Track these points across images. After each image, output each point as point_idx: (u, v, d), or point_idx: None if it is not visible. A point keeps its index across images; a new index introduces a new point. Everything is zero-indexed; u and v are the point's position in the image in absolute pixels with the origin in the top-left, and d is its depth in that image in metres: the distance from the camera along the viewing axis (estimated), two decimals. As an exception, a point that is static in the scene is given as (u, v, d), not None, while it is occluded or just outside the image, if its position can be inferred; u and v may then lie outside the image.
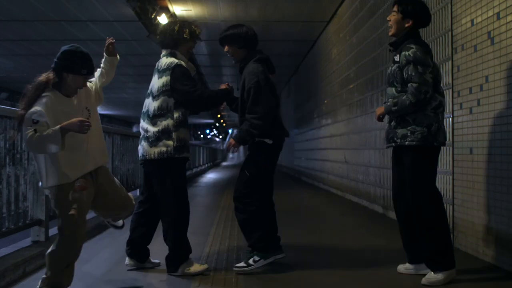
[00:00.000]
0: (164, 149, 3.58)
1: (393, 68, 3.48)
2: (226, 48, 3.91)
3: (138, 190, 8.78)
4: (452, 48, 4.69)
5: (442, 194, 4.92)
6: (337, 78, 10.16)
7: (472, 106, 4.30)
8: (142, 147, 3.67)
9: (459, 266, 4.03)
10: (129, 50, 14.41)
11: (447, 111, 4.79)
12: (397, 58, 3.45)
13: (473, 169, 4.29)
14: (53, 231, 4.65)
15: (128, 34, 12.53)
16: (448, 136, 4.77)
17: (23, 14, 11.07)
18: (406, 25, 3.49)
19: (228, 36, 3.87)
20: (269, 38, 11.97)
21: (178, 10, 10.82)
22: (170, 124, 3.60)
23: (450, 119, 4.71)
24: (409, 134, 3.41)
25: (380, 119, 3.67)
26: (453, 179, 4.68)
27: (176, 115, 3.62)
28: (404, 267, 3.69)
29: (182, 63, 3.69)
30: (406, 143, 3.43)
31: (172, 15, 10.88)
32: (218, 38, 3.93)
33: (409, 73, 3.35)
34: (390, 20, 3.56)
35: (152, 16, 10.64)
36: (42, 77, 2.99)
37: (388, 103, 3.48)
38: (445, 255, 3.41)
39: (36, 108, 2.87)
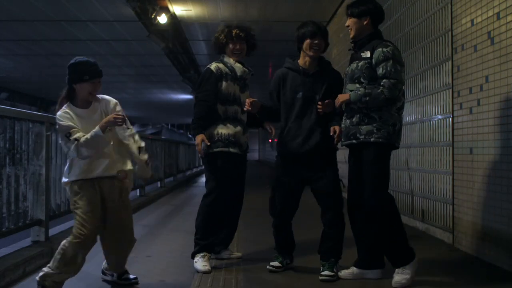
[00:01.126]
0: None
1: (359, 64, 3.44)
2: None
3: (138, 190, 8.79)
4: (452, 48, 4.69)
5: (442, 194, 4.94)
6: (337, 78, 10.15)
7: (472, 106, 4.30)
8: None
9: (459, 266, 4.03)
10: (129, 50, 14.41)
11: (447, 111, 4.80)
12: (366, 54, 3.42)
13: (473, 169, 4.29)
14: (53, 231, 4.65)
15: (128, 34, 12.52)
16: (448, 136, 4.78)
17: (23, 14, 11.07)
18: (365, 23, 3.51)
19: None
20: (269, 38, 11.97)
21: (178, 10, 10.82)
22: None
23: (450, 119, 4.71)
24: (375, 131, 3.36)
25: (340, 106, 3.55)
26: (453, 179, 4.68)
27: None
28: (348, 272, 3.59)
29: (215, 66, 3.88)
30: (372, 139, 3.36)
31: (172, 15, 10.89)
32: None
33: (388, 69, 3.32)
34: (348, 26, 3.59)
35: (152, 16, 10.64)
36: (62, 93, 3.27)
37: (359, 92, 3.36)
38: (407, 247, 3.40)
39: (59, 123, 3.15)
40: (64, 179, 3.27)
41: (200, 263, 3.71)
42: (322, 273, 3.52)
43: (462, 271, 3.87)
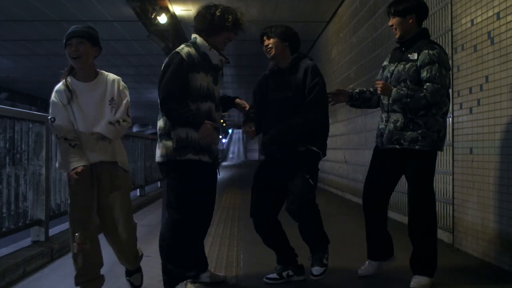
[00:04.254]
0: (163, 150, 3.21)
1: (407, 66, 3.34)
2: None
3: (138, 190, 8.79)
4: (452, 48, 4.69)
5: (442, 194, 4.94)
6: (337, 78, 10.15)
7: (472, 106, 4.30)
8: None
9: (459, 266, 4.03)
10: (129, 50, 14.41)
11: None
12: (413, 56, 3.33)
13: (473, 169, 4.29)
14: (53, 231, 4.66)
15: (128, 34, 12.52)
16: (448, 136, 4.77)
17: (23, 14, 11.07)
18: (410, 21, 3.39)
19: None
20: (269, 38, 11.98)
21: (178, 10, 10.82)
22: (167, 122, 3.21)
23: (450, 119, 4.71)
24: (420, 138, 3.29)
25: (381, 94, 3.40)
26: (453, 179, 4.68)
27: None
28: (368, 268, 3.66)
29: (186, 52, 3.16)
30: (417, 147, 3.31)
31: (172, 15, 10.89)
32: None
33: (432, 72, 3.23)
34: (393, 25, 3.46)
35: (152, 16, 10.64)
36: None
37: (401, 92, 3.25)
38: (435, 261, 3.41)
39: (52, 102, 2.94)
40: None
41: None
42: (312, 270, 3.36)
43: (462, 271, 3.87)
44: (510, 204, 3.72)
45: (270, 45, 3.42)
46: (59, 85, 2.96)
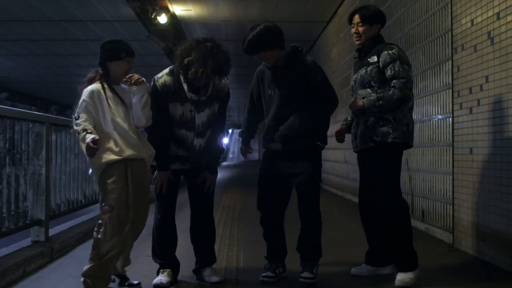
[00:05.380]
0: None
1: (368, 69, 3.47)
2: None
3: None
4: (452, 48, 4.69)
5: (442, 194, 4.94)
6: (337, 78, 10.15)
7: (472, 106, 4.30)
8: None
9: (459, 266, 4.03)
10: (129, 50, 14.40)
11: (447, 111, 4.80)
12: (373, 59, 3.46)
13: (473, 169, 4.29)
14: (53, 231, 4.65)
15: (128, 34, 12.52)
16: (448, 136, 4.78)
17: (23, 14, 11.06)
18: (376, 30, 3.55)
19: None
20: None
21: (178, 10, 10.82)
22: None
23: (450, 119, 4.71)
24: (391, 131, 3.40)
25: (357, 115, 3.58)
26: (453, 179, 4.68)
27: None
28: (362, 269, 3.68)
29: (161, 82, 3.33)
30: (389, 140, 3.40)
31: (172, 15, 10.88)
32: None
33: (396, 69, 3.36)
34: (357, 32, 3.54)
35: (152, 16, 10.64)
36: (92, 74, 3.26)
37: (371, 98, 3.38)
38: (415, 254, 3.43)
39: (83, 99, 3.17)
40: None
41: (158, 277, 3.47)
42: (302, 274, 3.46)
43: (462, 271, 3.87)
44: (510, 204, 3.72)
45: (270, 59, 3.49)
46: (94, 86, 3.16)
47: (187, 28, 12.31)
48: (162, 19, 10.62)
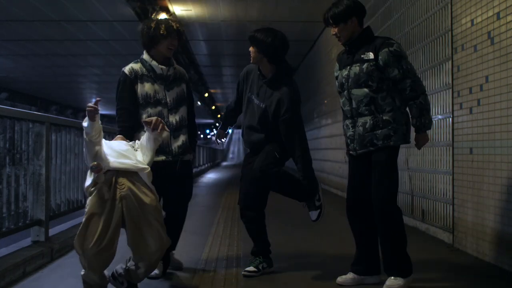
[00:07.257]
0: None
1: (363, 67, 3.23)
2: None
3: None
4: (452, 48, 4.69)
5: (442, 194, 4.94)
6: (337, 78, 10.15)
7: (472, 106, 4.30)
8: None
9: (459, 266, 4.03)
10: (129, 50, 14.37)
11: (447, 111, 4.80)
12: (368, 56, 3.24)
13: (473, 169, 4.29)
14: (53, 231, 4.65)
15: (128, 34, 12.52)
16: (448, 136, 4.78)
17: (23, 14, 11.08)
18: (352, 25, 3.30)
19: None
20: (269, 38, 11.97)
21: (178, 10, 10.83)
22: None
23: (450, 119, 4.71)
24: (392, 133, 3.22)
25: (423, 144, 3.45)
26: (453, 179, 4.68)
27: None
28: (348, 278, 3.44)
29: (129, 68, 3.60)
30: (391, 143, 3.23)
31: (171, 15, 10.88)
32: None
33: (404, 67, 3.18)
34: (335, 34, 3.38)
35: (152, 16, 10.64)
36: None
37: (422, 120, 3.23)
38: (408, 261, 3.29)
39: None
40: None
41: None
42: (246, 268, 3.67)
43: (462, 271, 3.87)
44: (510, 204, 3.72)
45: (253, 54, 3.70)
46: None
47: (187, 28, 12.30)
48: (162, 19, 10.62)
